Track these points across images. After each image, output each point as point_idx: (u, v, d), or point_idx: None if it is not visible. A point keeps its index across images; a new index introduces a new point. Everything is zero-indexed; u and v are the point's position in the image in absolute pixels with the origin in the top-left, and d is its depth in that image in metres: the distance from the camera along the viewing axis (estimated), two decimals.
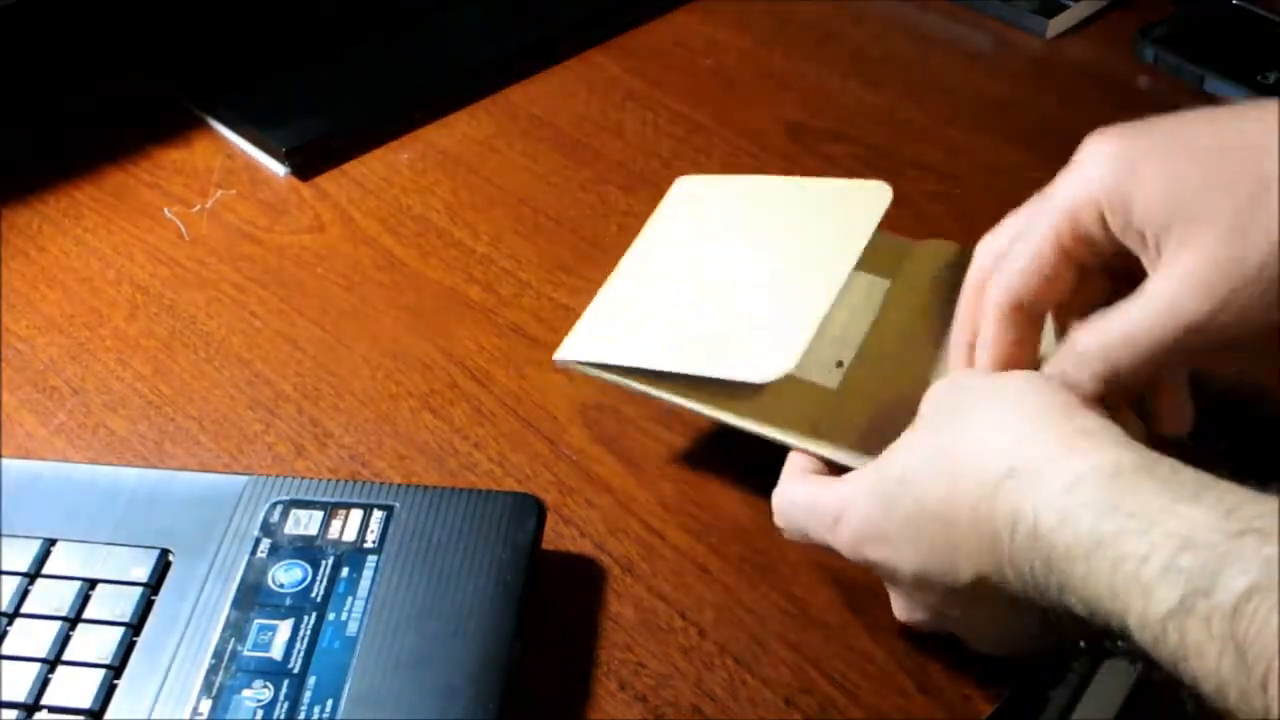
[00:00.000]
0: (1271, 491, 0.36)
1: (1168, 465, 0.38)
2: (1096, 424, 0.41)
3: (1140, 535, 0.36)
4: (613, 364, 0.54)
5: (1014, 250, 0.46)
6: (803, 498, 0.49)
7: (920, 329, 0.55)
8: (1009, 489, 0.40)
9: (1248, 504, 0.36)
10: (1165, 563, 0.35)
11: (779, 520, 0.50)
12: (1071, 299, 0.46)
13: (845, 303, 0.56)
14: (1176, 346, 0.42)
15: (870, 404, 0.53)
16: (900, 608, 0.48)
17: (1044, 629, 0.43)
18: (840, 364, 0.55)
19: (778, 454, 0.56)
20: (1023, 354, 0.47)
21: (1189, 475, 0.38)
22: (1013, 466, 0.40)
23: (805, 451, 0.51)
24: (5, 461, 0.53)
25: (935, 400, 0.47)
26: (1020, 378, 0.45)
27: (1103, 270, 0.46)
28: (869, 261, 0.55)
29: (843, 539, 0.46)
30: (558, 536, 0.54)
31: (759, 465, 0.57)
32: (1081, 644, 0.45)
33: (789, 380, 0.51)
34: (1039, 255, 0.45)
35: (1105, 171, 0.43)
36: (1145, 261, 0.43)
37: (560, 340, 0.57)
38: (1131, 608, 0.36)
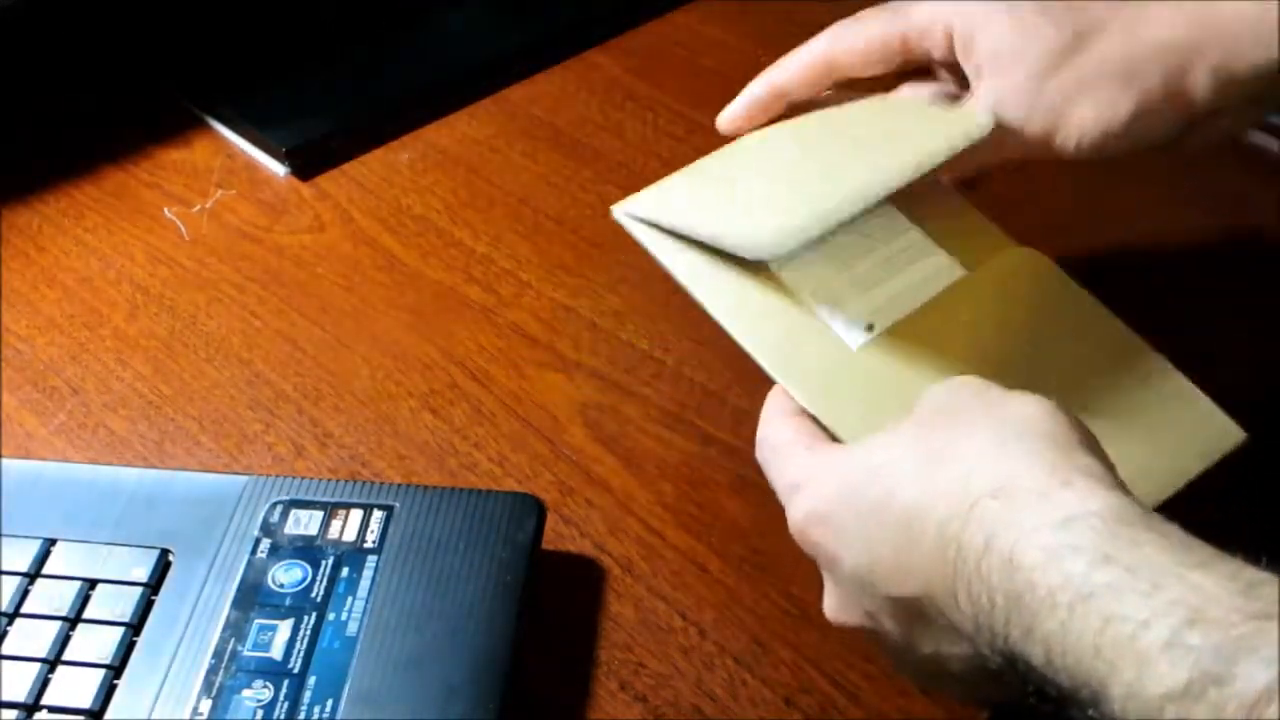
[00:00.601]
0: None
1: (1174, 527, 0.35)
2: (1100, 468, 0.38)
3: (1141, 596, 0.33)
4: (651, 221, 0.53)
5: (854, 24, 0.56)
6: (780, 445, 0.47)
7: (972, 333, 0.51)
8: (989, 509, 0.37)
9: (1267, 584, 0.32)
10: (1170, 635, 0.32)
11: (757, 451, 0.48)
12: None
13: (906, 271, 0.52)
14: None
15: (884, 385, 0.49)
16: (832, 604, 0.44)
17: (975, 673, 0.39)
18: (870, 327, 0.51)
19: None
20: (799, 97, 0.56)
21: (1196, 542, 0.34)
22: (1000, 487, 0.37)
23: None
24: (5, 461, 0.53)
25: (933, 400, 0.44)
26: (1030, 400, 0.41)
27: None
28: (955, 243, 0.53)
29: (796, 511, 0.44)
30: (558, 536, 0.54)
31: (760, 466, 0.57)
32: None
33: (810, 324, 0.49)
34: (870, 34, 0.55)
35: (974, 20, 0.53)
36: (970, 77, 0.53)
37: (561, 340, 0.57)
38: (1119, 675, 0.32)
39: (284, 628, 0.47)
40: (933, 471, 0.40)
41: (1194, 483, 0.49)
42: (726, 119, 0.57)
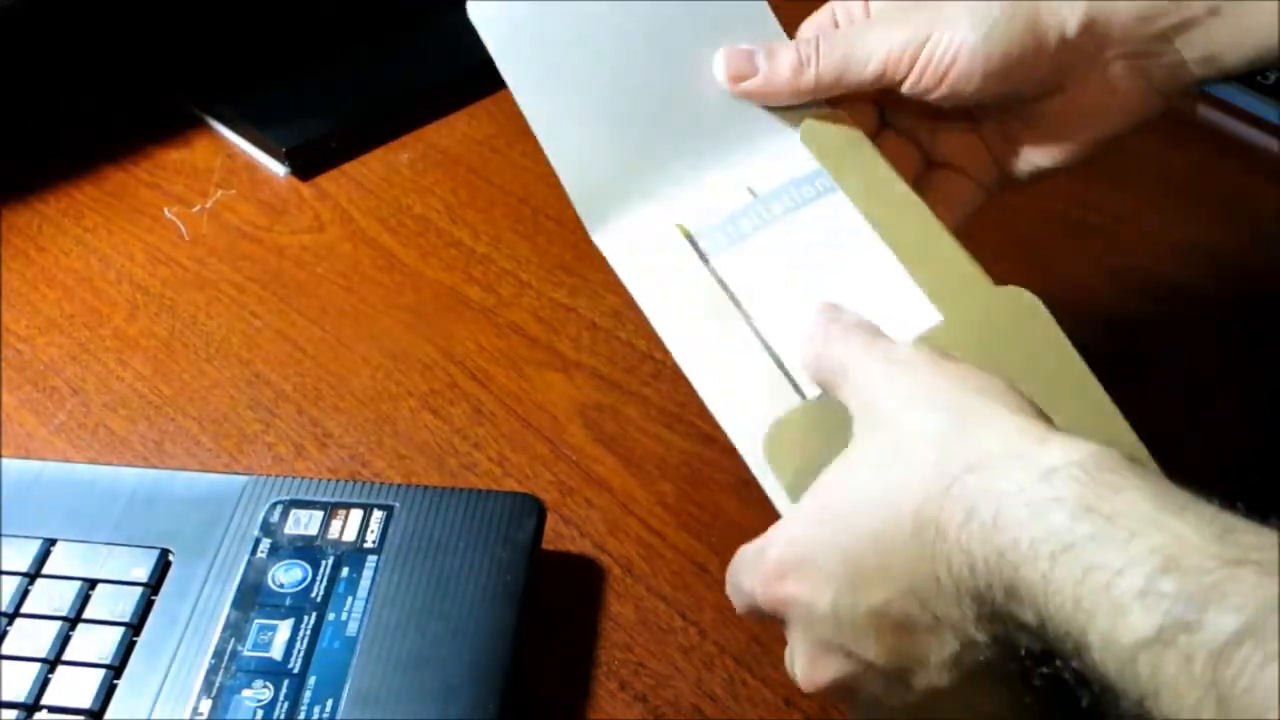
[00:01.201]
0: (1271, 525, 0.32)
1: (1154, 473, 0.35)
2: (1055, 427, 0.37)
3: (1118, 544, 0.32)
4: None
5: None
6: (741, 551, 0.44)
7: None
8: (967, 484, 0.36)
9: (1244, 531, 0.32)
10: (1144, 582, 0.31)
11: (728, 590, 0.44)
12: None
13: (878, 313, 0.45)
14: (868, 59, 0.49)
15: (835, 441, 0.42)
16: (803, 665, 0.41)
17: (965, 684, 0.38)
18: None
19: None
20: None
21: (1175, 488, 0.34)
22: (975, 461, 0.36)
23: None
24: (5, 461, 0.53)
25: (871, 387, 0.41)
26: (971, 369, 0.40)
27: None
28: (931, 277, 0.47)
29: (766, 569, 0.41)
30: (558, 536, 0.54)
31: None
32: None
33: (764, 369, 0.45)
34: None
35: None
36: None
37: (561, 340, 0.57)
38: (1095, 624, 0.32)
39: (284, 628, 0.47)
40: (900, 468, 0.38)
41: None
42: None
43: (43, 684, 0.46)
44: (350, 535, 0.50)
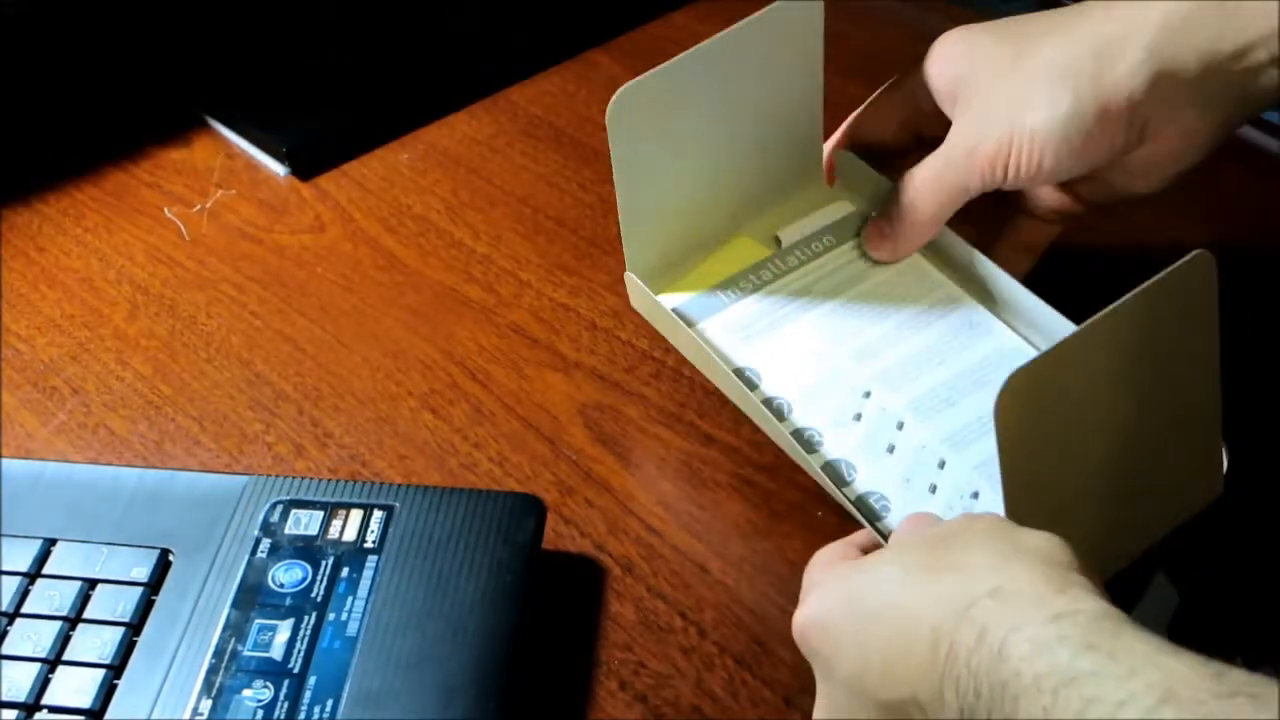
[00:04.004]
0: (1265, 672, 0.34)
1: (1153, 631, 0.37)
2: (1094, 586, 0.39)
3: (1118, 680, 0.34)
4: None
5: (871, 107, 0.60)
6: (817, 558, 0.47)
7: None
8: (986, 607, 0.38)
9: (1238, 672, 0.34)
10: (1144, 713, 0.33)
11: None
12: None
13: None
14: (967, 177, 0.54)
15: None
16: (823, 707, 0.44)
17: None
18: (868, 394, 0.54)
19: (776, 452, 0.56)
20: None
21: (1172, 645, 0.36)
22: (998, 588, 0.38)
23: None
24: (5, 461, 0.53)
25: (947, 525, 0.44)
26: (1042, 535, 0.42)
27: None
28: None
29: (800, 615, 0.44)
30: (558, 536, 0.54)
31: (759, 466, 0.57)
32: None
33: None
34: (877, 101, 0.59)
35: (941, 67, 0.55)
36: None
37: (561, 340, 0.57)
38: None
39: (284, 628, 0.47)
40: (932, 581, 0.40)
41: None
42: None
43: (43, 684, 0.46)
44: (350, 535, 0.50)
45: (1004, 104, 0.52)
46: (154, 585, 0.49)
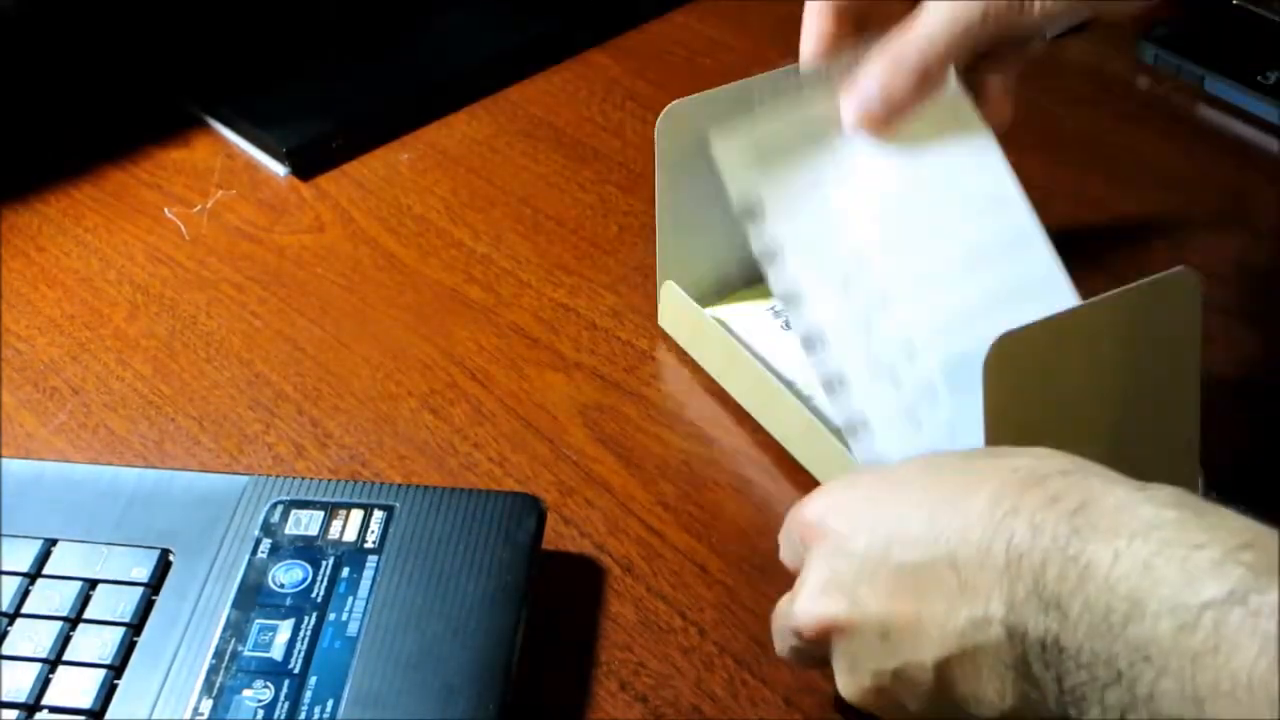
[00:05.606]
0: None
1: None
2: None
3: (1202, 529, 0.34)
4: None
5: None
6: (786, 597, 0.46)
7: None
8: (1056, 481, 0.38)
9: None
10: (1223, 554, 0.33)
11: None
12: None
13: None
14: (963, 38, 0.51)
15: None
16: (809, 593, 0.43)
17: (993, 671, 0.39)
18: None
19: (776, 452, 0.56)
20: (833, 46, 0.55)
21: None
22: (1071, 468, 0.38)
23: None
24: (5, 461, 0.53)
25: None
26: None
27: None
28: None
29: (805, 502, 0.44)
30: (558, 536, 0.54)
31: (759, 466, 0.57)
32: None
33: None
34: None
35: None
36: None
37: (561, 340, 0.57)
38: (1159, 590, 0.34)
39: (284, 628, 0.47)
40: (993, 456, 0.41)
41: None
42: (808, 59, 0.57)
43: (43, 684, 0.46)
44: (350, 535, 0.50)
45: None
46: (154, 585, 0.49)
